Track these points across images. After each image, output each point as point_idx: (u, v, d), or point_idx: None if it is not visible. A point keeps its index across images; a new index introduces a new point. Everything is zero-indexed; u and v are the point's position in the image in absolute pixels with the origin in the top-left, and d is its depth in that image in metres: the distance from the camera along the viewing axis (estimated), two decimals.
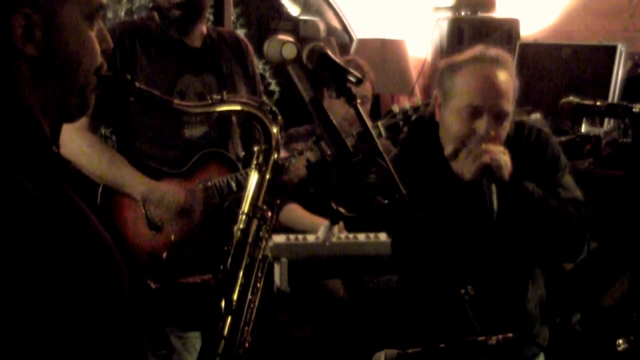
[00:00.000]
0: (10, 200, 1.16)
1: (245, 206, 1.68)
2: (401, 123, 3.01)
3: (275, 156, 1.70)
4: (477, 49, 2.51)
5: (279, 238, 3.15)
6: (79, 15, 1.32)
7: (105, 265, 1.26)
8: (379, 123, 3.17)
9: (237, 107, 1.69)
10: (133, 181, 2.84)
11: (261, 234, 1.67)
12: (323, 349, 3.43)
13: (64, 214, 1.23)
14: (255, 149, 1.72)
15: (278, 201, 1.71)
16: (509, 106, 2.43)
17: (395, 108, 3.08)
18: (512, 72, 2.47)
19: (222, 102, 1.66)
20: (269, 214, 1.69)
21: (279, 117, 1.71)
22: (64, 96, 1.34)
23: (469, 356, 1.70)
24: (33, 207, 1.18)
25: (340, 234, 3.28)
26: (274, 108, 1.71)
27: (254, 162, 1.71)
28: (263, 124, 1.69)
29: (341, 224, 3.34)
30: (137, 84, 1.56)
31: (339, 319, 3.42)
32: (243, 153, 3.06)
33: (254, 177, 1.70)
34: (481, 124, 2.39)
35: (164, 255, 2.83)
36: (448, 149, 2.44)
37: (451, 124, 2.44)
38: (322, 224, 3.22)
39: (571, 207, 2.48)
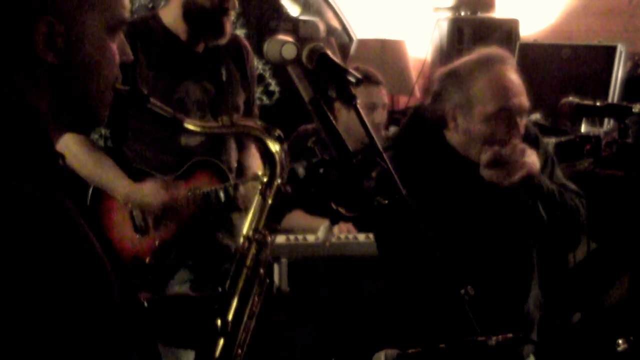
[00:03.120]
0: (16, 210, 1.16)
1: (246, 229, 1.69)
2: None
3: (279, 182, 1.70)
4: (479, 53, 2.52)
5: (279, 238, 3.14)
6: (102, 26, 1.31)
7: (98, 279, 1.25)
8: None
9: (244, 130, 1.70)
10: (116, 183, 2.85)
11: (260, 257, 1.67)
12: (323, 349, 3.43)
13: (64, 227, 1.22)
14: (259, 173, 1.72)
15: (278, 226, 1.71)
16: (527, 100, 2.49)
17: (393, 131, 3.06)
18: (515, 67, 2.52)
19: (231, 125, 1.66)
20: (269, 238, 1.69)
21: (285, 143, 1.70)
22: (80, 106, 1.33)
23: (469, 356, 1.70)
24: (36, 218, 1.17)
25: (340, 234, 3.28)
26: (279, 133, 1.71)
27: (258, 187, 1.70)
28: (267, 149, 1.69)
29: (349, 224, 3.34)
30: (151, 100, 1.56)
31: (338, 320, 3.42)
32: (236, 164, 3.05)
33: (257, 201, 1.70)
34: (513, 127, 2.43)
35: (147, 259, 2.84)
36: (482, 157, 2.43)
37: (478, 130, 2.44)
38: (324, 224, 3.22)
39: (577, 198, 2.53)
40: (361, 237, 3.25)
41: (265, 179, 1.71)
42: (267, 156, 1.70)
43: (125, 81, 1.45)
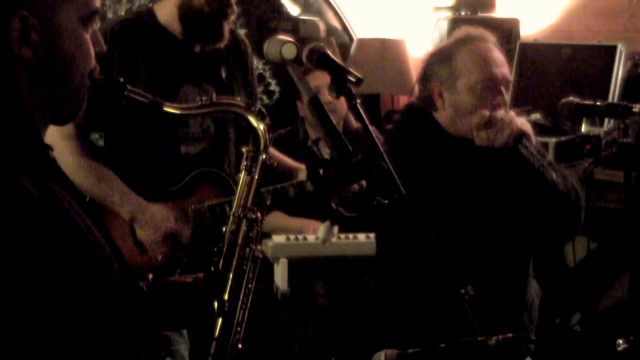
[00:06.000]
0: (14, 201, 1.16)
1: (235, 207, 1.69)
2: None
3: (264, 157, 1.70)
4: (460, 32, 2.62)
5: (279, 238, 3.14)
6: (75, 18, 1.31)
7: (101, 269, 1.26)
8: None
9: (225, 108, 1.70)
10: (122, 199, 2.71)
11: (251, 234, 1.67)
12: (323, 349, 3.43)
13: (64, 217, 1.23)
14: (244, 149, 1.72)
15: (268, 202, 1.71)
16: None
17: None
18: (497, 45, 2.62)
19: (211, 104, 1.66)
20: (259, 214, 1.69)
21: (267, 118, 1.71)
22: (59, 98, 1.33)
23: (469, 356, 1.70)
24: (35, 209, 1.18)
25: (340, 234, 3.28)
26: (261, 108, 1.71)
27: (243, 163, 1.71)
28: (250, 125, 1.69)
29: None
30: (128, 87, 1.55)
31: (337, 319, 3.42)
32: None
33: (243, 178, 1.71)
34: (498, 94, 2.49)
35: (150, 276, 2.73)
36: (473, 121, 2.48)
37: (465, 101, 2.50)
38: (304, 226, 3.23)
39: (571, 178, 2.56)
40: (361, 237, 3.25)
41: (250, 155, 1.71)
42: (250, 132, 1.70)
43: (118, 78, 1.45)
